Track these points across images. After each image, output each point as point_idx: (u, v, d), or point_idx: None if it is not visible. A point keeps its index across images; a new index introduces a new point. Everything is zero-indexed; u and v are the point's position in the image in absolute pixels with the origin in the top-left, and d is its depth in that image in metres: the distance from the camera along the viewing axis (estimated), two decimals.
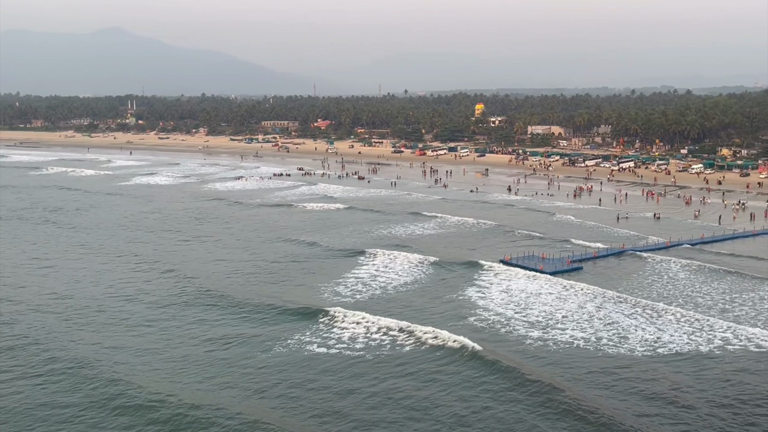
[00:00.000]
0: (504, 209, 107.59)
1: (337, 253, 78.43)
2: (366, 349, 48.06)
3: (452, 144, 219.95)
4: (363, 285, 64.70)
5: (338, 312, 55.27)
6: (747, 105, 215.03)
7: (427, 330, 51.09)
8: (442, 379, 43.28)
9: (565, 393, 40.70)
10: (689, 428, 37.15)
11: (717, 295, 60.89)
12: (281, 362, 46.09)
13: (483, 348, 47.74)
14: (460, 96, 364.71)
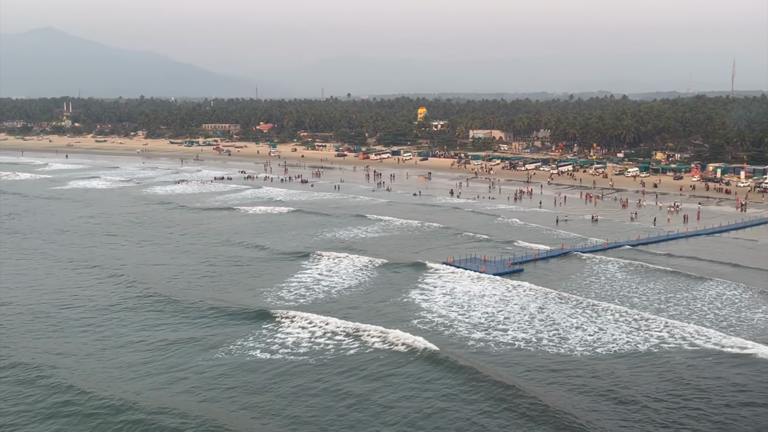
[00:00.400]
0: (448, 212, 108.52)
1: (282, 256, 78.03)
2: (311, 353, 47.79)
3: (395, 148, 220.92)
4: (309, 287, 64.48)
5: (285, 314, 55.02)
6: (680, 110, 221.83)
7: (372, 332, 51.23)
8: (387, 380, 43.35)
9: (511, 391, 41.33)
10: (630, 421, 38.18)
11: (653, 295, 62.63)
12: (226, 366, 45.52)
13: (428, 349, 48.14)
14: (402, 100, 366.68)
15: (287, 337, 50.82)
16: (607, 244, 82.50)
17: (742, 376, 44.52)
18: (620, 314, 56.30)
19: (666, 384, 43.30)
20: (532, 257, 75.77)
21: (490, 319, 55.53)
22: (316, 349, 48.67)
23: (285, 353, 47.90)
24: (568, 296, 61.45)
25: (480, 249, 79.32)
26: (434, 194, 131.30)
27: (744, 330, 52.87)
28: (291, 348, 48.76)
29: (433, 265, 72.15)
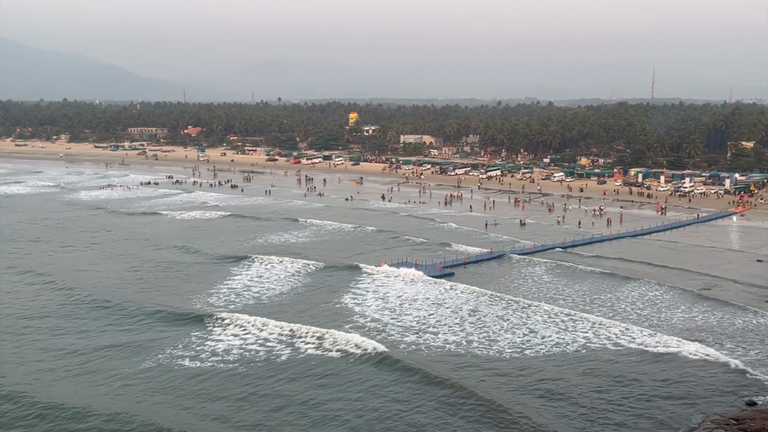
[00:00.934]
0: (381, 216, 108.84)
1: (214, 260, 77.24)
2: (242, 360, 47.33)
3: (327, 152, 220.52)
4: (240, 293, 63.91)
5: (218, 318, 54.68)
6: (603, 117, 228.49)
7: (306, 335, 51.16)
8: (322, 383, 43.37)
9: (443, 388, 41.91)
10: (562, 415, 39.17)
11: (580, 296, 64.34)
12: (153, 372, 44.71)
13: (364, 352, 48.33)
14: (334, 105, 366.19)
15: (218, 343, 50.10)
16: (535, 247, 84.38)
17: (664, 372, 46.24)
18: (549, 315, 57.68)
19: (592, 380, 44.68)
20: (462, 261, 76.88)
21: (422, 322, 56.10)
22: (247, 356, 48.18)
23: (215, 360, 47.23)
24: (498, 299, 62.55)
25: (413, 252, 79.99)
26: (366, 199, 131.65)
27: (665, 328, 54.91)
28: (222, 355, 48.14)
29: (366, 269, 72.42)
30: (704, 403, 42.16)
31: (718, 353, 49.47)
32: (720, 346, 51.13)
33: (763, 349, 50.60)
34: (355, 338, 51.31)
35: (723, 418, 40.03)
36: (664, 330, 54.50)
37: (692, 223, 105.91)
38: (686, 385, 44.58)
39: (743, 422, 39.47)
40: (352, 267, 73.47)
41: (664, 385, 44.50)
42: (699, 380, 45.22)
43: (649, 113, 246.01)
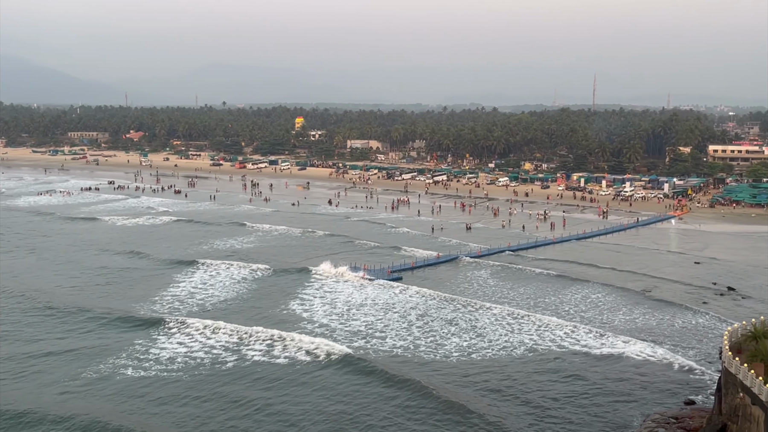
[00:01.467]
0: (328, 221, 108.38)
1: (161, 265, 76.41)
2: (186, 366, 46.57)
3: (273, 157, 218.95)
4: (188, 297, 63.14)
5: (166, 323, 54.28)
6: (546, 122, 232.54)
7: (252, 342, 50.63)
8: (269, 387, 43.00)
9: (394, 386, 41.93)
10: (506, 414, 39.56)
11: (524, 299, 65.13)
12: (103, 377, 43.77)
13: (313, 359, 48.05)
14: (279, 109, 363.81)
15: (162, 351, 49.23)
16: (481, 251, 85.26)
17: (608, 372, 47.15)
18: (496, 318, 58.34)
19: (537, 382, 45.33)
20: (410, 265, 77.17)
21: (370, 327, 56.06)
22: (192, 363, 47.45)
23: (159, 368, 46.36)
24: (446, 303, 62.98)
25: (361, 257, 79.87)
26: (313, 204, 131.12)
27: (609, 329, 55.97)
28: (166, 363, 47.28)
29: (314, 274, 72.14)
30: (646, 402, 43.17)
31: (659, 353, 50.74)
32: (661, 345, 52.42)
33: (701, 349, 52.09)
34: (302, 344, 51.03)
35: (663, 417, 41.04)
36: (607, 330, 55.60)
37: (633, 227, 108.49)
38: (629, 384, 45.59)
39: (682, 421, 40.53)
40: (300, 272, 73.09)
41: (607, 385, 45.40)
42: (641, 380, 46.30)
43: (591, 119, 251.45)
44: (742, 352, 36.72)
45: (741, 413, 33.61)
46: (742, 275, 76.46)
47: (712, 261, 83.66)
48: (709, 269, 79.21)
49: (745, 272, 78.05)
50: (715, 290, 69.53)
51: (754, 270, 79.25)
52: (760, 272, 78.17)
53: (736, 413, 34.06)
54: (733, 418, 34.46)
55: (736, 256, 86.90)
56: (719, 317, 59.37)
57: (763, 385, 31.79)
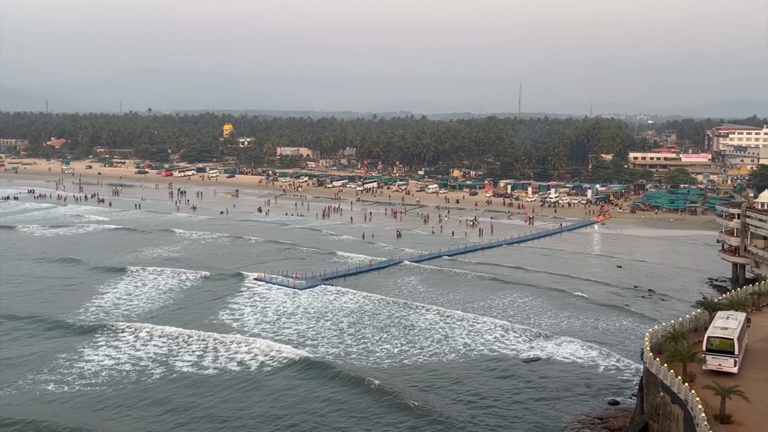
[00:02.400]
0: (258, 229, 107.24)
1: (91, 273, 75.16)
2: (111, 380, 45.40)
3: (201, 165, 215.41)
4: (113, 308, 61.58)
5: (92, 331, 53.28)
6: (474, 130, 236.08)
7: (179, 354, 49.67)
8: (195, 393, 42.29)
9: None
10: (435, 421, 39.89)
11: (455, 304, 65.84)
12: (43, 381, 42.14)
13: (243, 370, 47.46)
14: (207, 116, 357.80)
15: (87, 363, 47.90)
16: (412, 257, 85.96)
17: (536, 374, 48.17)
18: (428, 324, 58.87)
19: (466, 386, 45.99)
20: (342, 273, 77.14)
21: (302, 335, 55.75)
22: (116, 376, 46.32)
23: (83, 381, 45.07)
24: (377, 310, 63.20)
25: (294, 264, 79.34)
26: (243, 212, 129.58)
27: (537, 332, 57.11)
28: (89, 378, 46.01)
29: (245, 282, 71.36)
30: (572, 403, 44.28)
31: (584, 354, 52.17)
32: (586, 347, 53.86)
33: (624, 350, 53.75)
34: (232, 353, 50.37)
35: (589, 418, 42.19)
36: (536, 333, 56.80)
37: (558, 232, 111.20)
38: (556, 386, 46.66)
39: (607, 421, 41.76)
40: (230, 280, 72.20)
41: (535, 387, 46.37)
42: (568, 381, 47.47)
43: (517, 127, 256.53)
44: (663, 353, 38.08)
45: (662, 412, 34.80)
46: (662, 278, 79.35)
47: (633, 264, 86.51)
48: (630, 272, 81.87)
49: (665, 275, 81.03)
50: (637, 293, 71.94)
51: (673, 272, 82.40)
52: (678, 274, 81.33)
53: (657, 412, 35.26)
54: (654, 417, 35.66)
55: (656, 259, 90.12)
56: (641, 319, 61.42)
57: (682, 384, 33.02)
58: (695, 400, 30.80)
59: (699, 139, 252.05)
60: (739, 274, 76.26)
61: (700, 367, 35.75)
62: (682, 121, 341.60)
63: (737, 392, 30.94)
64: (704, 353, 36.09)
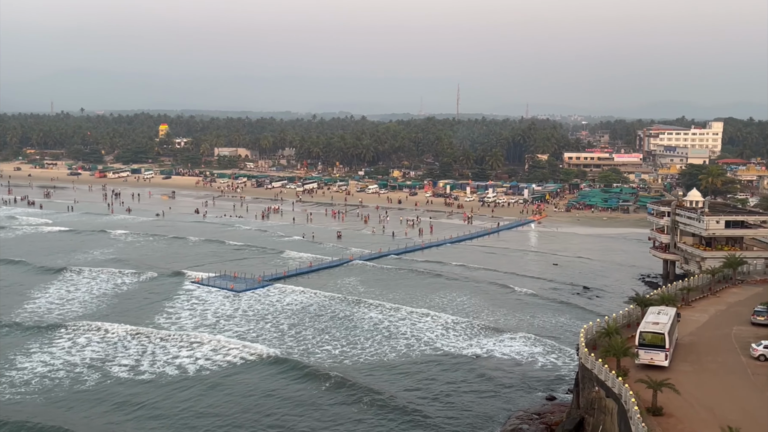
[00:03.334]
0: (197, 229, 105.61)
1: (24, 274, 74.24)
2: (43, 387, 44.14)
3: (136, 166, 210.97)
4: (45, 313, 59.71)
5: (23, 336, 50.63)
6: (413, 131, 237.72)
7: (114, 359, 48.62)
8: (135, 403, 41.48)
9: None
10: (376, 425, 40.01)
11: (396, 303, 66.01)
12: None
13: (181, 375, 46.71)
14: (142, 116, 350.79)
15: (12, 371, 46.42)
16: (353, 256, 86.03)
17: (475, 372, 48.84)
18: (371, 324, 58.97)
19: (405, 384, 46.32)
20: (281, 274, 76.65)
21: (242, 338, 55.18)
22: (49, 384, 45.04)
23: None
24: (317, 311, 63.00)
25: (234, 265, 78.42)
26: (180, 213, 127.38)
27: (477, 328, 57.88)
28: (21, 386, 44.61)
29: (182, 285, 70.19)
30: (511, 399, 45.02)
31: (523, 351, 53.14)
32: (524, 344, 54.83)
33: (560, 346, 54.89)
34: (171, 357, 49.56)
35: (527, 413, 42.94)
36: (476, 330, 57.51)
37: (496, 231, 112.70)
38: (495, 382, 47.36)
39: (544, 416, 42.58)
40: (166, 283, 70.92)
41: (474, 384, 46.98)
42: (506, 377, 48.22)
43: (455, 128, 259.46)
44: (597, 348, 39.07)
45: (597, 406, 35.70)
46: (596, 275, 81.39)
47: (568, 262, 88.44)
48: (566, 270, 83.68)
49: (599, 272, 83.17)
50: (572, 289, 73.60)
51: (607, 269, 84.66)
52: (612, 271, 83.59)
53: (593, 406, 36.16)
54: (589, 411, 36.55)
55: (591, 256, 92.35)
56: (576, 315, 62.83)
57: (615, 378, 33.94)
58: (628, 393, 31.71)
59: (631, 139, 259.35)
60: (669, 271, 78.69)
61: (633, 361, 36.84)
62: (614, 122, 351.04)
63: (668, 385, 31.99)
64: (637, 348, 37.20)
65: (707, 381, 35.73)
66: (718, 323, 46.22)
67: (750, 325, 45.16)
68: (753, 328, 44.67)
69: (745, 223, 73.29)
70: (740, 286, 58.03)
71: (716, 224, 70.93)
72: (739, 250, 68.68)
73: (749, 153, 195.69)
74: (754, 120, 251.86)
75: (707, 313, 48.94)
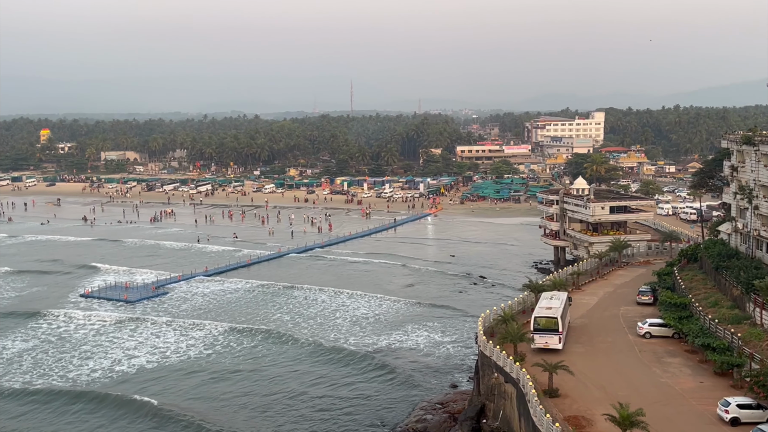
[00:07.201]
0: (88, 237, 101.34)
1: None
2: None
3: (16, 173, 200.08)
4: None
5: None
6: (308, 129, 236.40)
7: None
8: None
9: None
10: (276, 424, 39.66)
11: (290, 310, 65.94)
12: None
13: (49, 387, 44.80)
14: (21, 121, 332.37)
15: None
16: (250, 260, 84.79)
17: (379, 367, 49.14)
18: (267, 335, 58.42)
19: (312, 388, 46.12)
20: (176, 278, 74.79)
21: (160, 355, 53.46)
22: None
23: None
24: (207, 320, 61.86)
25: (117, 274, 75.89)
26: (66, 221, 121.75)
27: (377, 323, 58.35)
28: None
29: (64, 303, 67.07)
30: (415, 390, 45.54)
31: (424, 342, 54.03)
32: (426, 335, 55.72)
33: (461, 335, 56.00)
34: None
35: (430, 404, 43.54)
36: (376, 324, 57.92)
37: (393, 226, 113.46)
38: (400, 375, 47.81)
39: (447, 405, 43.29)
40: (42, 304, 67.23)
41: (378, 378, 47.26)
42: (409, 369, 48.79)
43: (350, 125, 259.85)
44: (495, 335, 40.07)
45: (497, 392, 36.63)
46: (491, 264, 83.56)
47: (465, 253, 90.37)
48: (462, 260, 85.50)
49: (494, 261, 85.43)
50: (469, 279, 75.30)
51: (502, 258, 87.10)
52: (506, 260, 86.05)
53: (493, 392, 37.08)
54: (490, 397, 37.46)
55: (485, 247, 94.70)
56: (474, 304, 64.27)
57: (513, 363, 34.90)
58: (526, 377, 32.69)
59: (519, 131, 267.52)
60: (560, 257, 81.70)
61: (529, 346, 38.00)
62: (503, 115, 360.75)
63: (562, 367, 33.18)
64: (532, 333, 38.39)
65: (599, 361, 37.31)
66: (606, 305, 48.38)
67: (636, 305, 47.53)
68: (638, 307, 47.06)
69: (628, 208, 77.05)
70: (626, 268, 61.03)
71: (601, 210, 74.14)
72: (623, 234, 72.09)
73: (629, 141, 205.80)
74: (632, 110, 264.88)
75: (596, 295, 51.16)
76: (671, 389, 33.09)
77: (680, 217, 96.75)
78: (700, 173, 74.27)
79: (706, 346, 36.24)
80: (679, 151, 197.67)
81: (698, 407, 30.97)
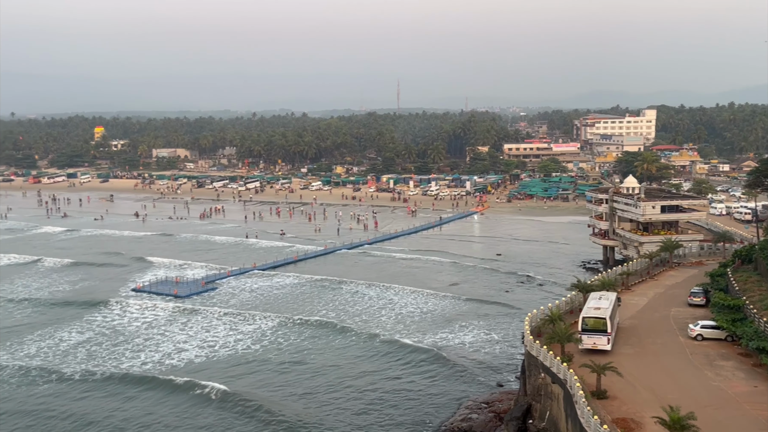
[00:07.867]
0: (140, 233, 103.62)
1: None
2: None
3: (72, 170, 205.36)
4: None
5: None
6: (355, 126, 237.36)
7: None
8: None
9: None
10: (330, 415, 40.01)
11: (335, 307, 66.36)
12: None
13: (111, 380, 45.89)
14: (77, 119, 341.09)
15: None
16: (297, 256, 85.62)
17: (426, 364, 49.20)
18: (317, 326, 58.97)
19: (362, 381, 46.38)
20: (225, 274, 75.90)
21: (212, 348, 54.45)
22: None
23: None
24: (258, 312, 62.65)
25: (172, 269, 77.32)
26: (119, 217, 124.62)
27: (426, 321, 58.39)
28: None
29: (117, 297, 68.58)
30: (461, 389, 45.44)
31: (471, 341, 53.80)
32: (473, 334, 55.53)
33: (507, 334, 55.66)
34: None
35: (476, 403, 43.40)
36: (424, 323, 57.99)
37: (439, 224, 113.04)
38: (446, 373, 47.81)
39: (492, 404, 43.11)
40: (98, 297, 68.83)
41: (426, 375, 47.32)
42: (456, 367, 48.69)
43: (396, 122, 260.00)
44: (542, 335, 39.73)
45: (543, 392, 36.33)
46: (538, 263, 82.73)
47: (511, 251, 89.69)
48: (509, 259, 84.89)
49: (541, 260, 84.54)
50: (516, 278, 74.69)
51: (548, 258, 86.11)
52: (553, 259, 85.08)
53: (539, 392, 36.78)
54: (536, 397, 37.17)
55: (532, 245, 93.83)
56: (521, 303, 63.81)
57: (560, 364, 34.57)
58: (573, 378, 32.33)
59: (568, 129, 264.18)
60: (609, 256, 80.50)
61: (576, 346, 37.58)
62: (551, 113, 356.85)
63: (611, 368, 32.73)
64: (580, 333, 37.94)
65: (648, 362, 36.69)
66: (656, 306, 47.52)
67: (687, 306, 46.59)
68: (690, 309, 46.10)
69: (680, 208, 75.52)
70: (677, 268, 59.81)
71: (652, 209, 72.82)
72: (674, 234, 70.70)
73: (681, 139, 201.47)
74: (684, 107, 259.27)
75: (646, 296, 50.28)
76: (724, 393, 32.39)
77: (734, 217, 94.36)
78: (755, 172, 72.09)
79: (760, 349, 35.38)
80: (733, 150, 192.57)
81: (752, 412, 30.26)
